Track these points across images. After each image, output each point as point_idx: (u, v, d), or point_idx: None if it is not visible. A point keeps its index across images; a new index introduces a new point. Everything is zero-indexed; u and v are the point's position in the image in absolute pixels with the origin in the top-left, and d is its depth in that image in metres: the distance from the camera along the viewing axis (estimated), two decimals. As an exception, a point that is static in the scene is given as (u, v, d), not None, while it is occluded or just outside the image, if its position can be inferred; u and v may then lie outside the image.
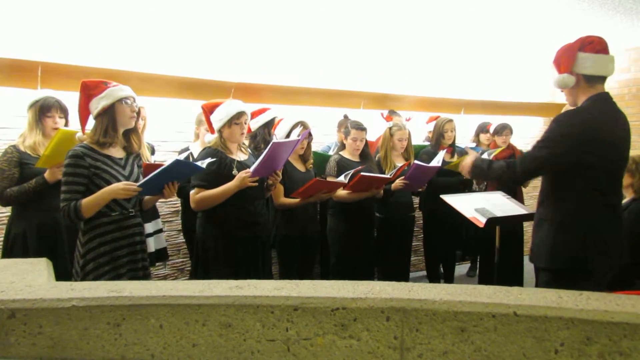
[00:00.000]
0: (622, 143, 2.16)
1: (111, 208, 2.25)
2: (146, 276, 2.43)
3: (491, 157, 4.00)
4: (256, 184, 2.71)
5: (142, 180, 2.28)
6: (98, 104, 2.22)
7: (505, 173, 2.27)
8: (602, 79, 2.17)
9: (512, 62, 6.11)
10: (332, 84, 4.85)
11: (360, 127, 3.57)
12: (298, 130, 3.26)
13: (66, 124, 2.87)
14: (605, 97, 2.17)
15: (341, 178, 3.22)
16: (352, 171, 3.26)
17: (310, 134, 3.36)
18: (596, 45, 2.12)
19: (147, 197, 2.47)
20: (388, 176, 3.50)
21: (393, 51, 5.35)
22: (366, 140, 3.66)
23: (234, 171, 2.71)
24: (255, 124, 3.46)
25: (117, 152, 2.33)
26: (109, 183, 2.20)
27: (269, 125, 3.52)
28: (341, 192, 3.36)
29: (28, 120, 2.81)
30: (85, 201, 2.15)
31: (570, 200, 2.13)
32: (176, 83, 3.96)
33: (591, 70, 2.12)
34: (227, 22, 4.25)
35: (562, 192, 2.15)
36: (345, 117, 4.56)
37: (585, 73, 2.13)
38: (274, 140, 2.62)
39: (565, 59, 2.16)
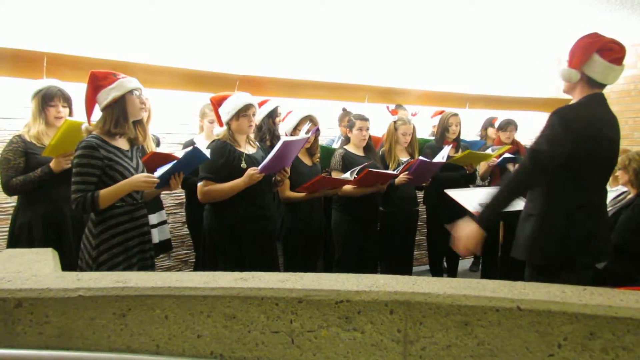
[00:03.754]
0: (612, 143, 2.18)
1: (122, 199, 2.27)
2: (153, 266, 2.47)
3: (494, 153, 3.99)
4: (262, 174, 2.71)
5: (162, 171, 2.31)
6: (108, 95, 2.22)
7: (521, 174, 2.15)
8: (603, 85, 2.18)
9: (517, 57, 6.08)
10: (336, 77, 4.84)
11: (364, 117, 3.61)
12: (306, 126, 3.25)
13: (70, 114, 2.88)
14: (601, 97, 2.19)
15: (347, 175, 3.22)
16: (357, 168, 3.27)
17: (318, 130, 3.37)
18: (615, 54, 2.11)
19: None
20: (395, 172, 3.50)
21: (398, 45, 5.33)
22: (369, 134, 3.67)
23: (243, 164, 2.72)
24: (259, 115, 3.47)
25: (123, 144, 2.34)
26: (122, 174, 2.21)
27: (273, 114, 3.54)
28: (346, 187, 3.38)
29: (32, 109, 2.82)
30: (103, 192, 2.16)
31: (556, 196, 2.14)
32: (181, 75, 3.97)
33: (597, 76, 2.13)
34: (232, 15, 4.24)
35: (549, 187, 2.15)
36: (344, 110, 4.56)
37: (591, 76, 2.14)
38: (283, 138, 2.63)
39: (580, 55, 2.14)
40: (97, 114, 2.32)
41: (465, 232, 2.14)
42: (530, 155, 2.15)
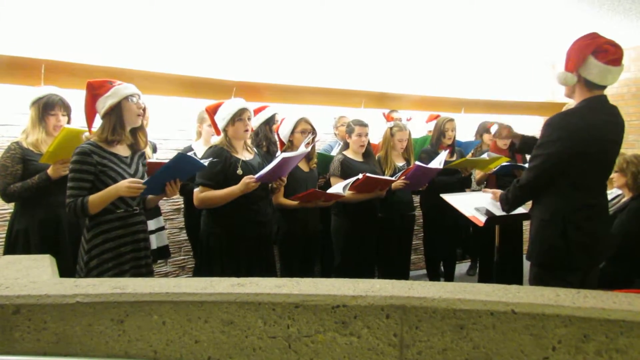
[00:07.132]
0: (611, 145, 2.17)
1: (116, 205, 2.27)
2: (149, 273, 2.46)
3: (492, 163, 3.98)
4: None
5: (147, 178, 2.30)
6: (105, 103, 2.24)
7: (513, 191, 2.34)
8: (602, 87, 2.17)
9: (512, 61, 6.11)
10: (332, 83, 4.86)
11: (363, 123, 3.62)
12: (307, 139, 3.24)
13: (68, 122, 2.88)
14: (600, 100, 2.18)
15: (339, 190, 3.22)
16: (352, 180, 3.27)
17: (315, 135, 3.37)
18: (610, 55, 2.11)
19: (150, 196, 2.48)
20: (393, 178, 3.52)
21: (393, 50, 5.36)
22: (368, 140, 3.69)
23: (239, 170, 2.74)
24: (256, 121, 3.48)
25: (123, 151, 2.35)
26: (115, 181, 2.22)
27: (270, 122, 3.55)
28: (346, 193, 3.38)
29: (31, 116, 2.81)
30: (92, 198, 2.17)
31: (554, 198, 2.17)
32: (178, 81, 3.98)
33: (594, 78, 2.12)
34: (229, 21, 4.26)
35: (548, 191, 2.19)
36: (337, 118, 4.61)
37: (588, 78, 2.13)
38: (282, 154, 2.65)
39: (576, 58, 2.15)
40: (99, 121, 2.33)
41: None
42: (526, 179, 2.25)
